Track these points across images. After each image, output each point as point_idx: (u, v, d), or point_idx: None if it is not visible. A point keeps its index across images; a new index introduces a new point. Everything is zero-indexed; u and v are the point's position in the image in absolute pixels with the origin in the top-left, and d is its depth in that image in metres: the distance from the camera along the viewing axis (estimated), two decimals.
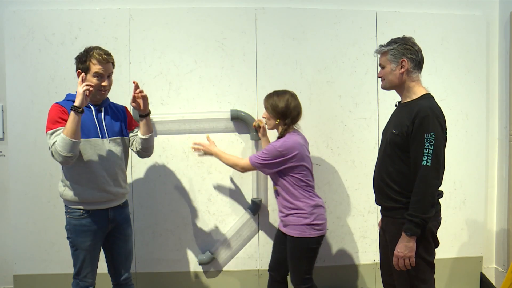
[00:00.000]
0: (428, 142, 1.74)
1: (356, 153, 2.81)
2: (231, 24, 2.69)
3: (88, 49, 2.01)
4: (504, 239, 2.89)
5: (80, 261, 2.05)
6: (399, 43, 1.87)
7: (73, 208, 2.04)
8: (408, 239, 1.77)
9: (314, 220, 2.19)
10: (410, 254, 1.78)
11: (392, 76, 1.89)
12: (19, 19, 2.60)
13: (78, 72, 1.98)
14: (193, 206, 2.75)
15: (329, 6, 2.76)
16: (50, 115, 1.96)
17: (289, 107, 2.21)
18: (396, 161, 1.86)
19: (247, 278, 2.81)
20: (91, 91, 1.93)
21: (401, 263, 1.81)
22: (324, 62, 2.76)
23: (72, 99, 1.96)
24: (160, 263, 2.76)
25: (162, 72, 2.68)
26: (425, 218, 1.75)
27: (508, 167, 2.84)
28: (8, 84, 2.63)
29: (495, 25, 2.91)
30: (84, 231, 2.03)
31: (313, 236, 2.18)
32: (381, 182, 1.92)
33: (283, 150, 2.14)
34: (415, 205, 1.76)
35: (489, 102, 2.92)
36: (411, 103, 1.86)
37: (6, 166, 2.69)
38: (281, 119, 2.23)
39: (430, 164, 1.73)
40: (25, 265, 2.70)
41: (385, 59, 1.91)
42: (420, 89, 1.88)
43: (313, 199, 2.22)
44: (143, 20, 2.65)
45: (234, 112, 2.65)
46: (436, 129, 1.75)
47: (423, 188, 1.75)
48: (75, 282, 2.09)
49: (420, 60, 1.88)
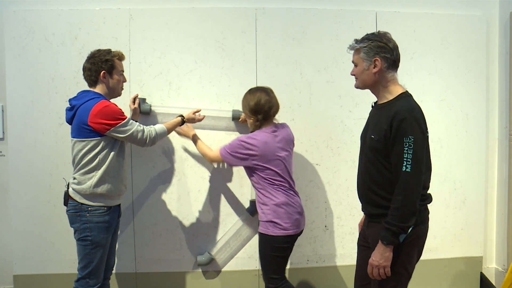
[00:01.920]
0: (407, 146, 1.62)
1: (356, 153, 2.78)
2: (231, 24, 2.69)
3: (106, 50, 2.15)
4: (504, 239, 2.89)
5: (97, 259, 2.09)
6: (372, 40, 1.73)
7: (96, 205, 2.08)
8: (384, 248, 1.67)
9: (276, 219, 2.17)
10: (385, 264, 1.68)
11: (365, 76, 1.78)
12: (19, 19, 2.60)
13: (104, 73, 2.12)
14: (193, 206, 2.74)
15: (329, 6, 2.76)
16: (113, 110, 2.06)
17: (259, 103, 2.21)
18: (379, 168, 1.74)
19: (247, 278, 2.81)
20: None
21: (375, 272, 1.71)
22: (324, 62, 2.76)
23: (98, 96, 2.10)
24: (160, 263, 2.75)
25: (162, 72, 2.68)
26: (403, 227, 1.64)
27: (508, 167, 2.84)
28: (8, 84, 2.63)
29: (495, 25, 2.91)
30: (107, 227, 2.11)
31: (276, 234, 2.17)
32: (368, 191, 1.81)
33: (245, 143, 2.18)
34: (393, 213, 1.65)
35: (489, 102, 2.92)
36: (388, 104, 1.74)
37: (6, 166, 2.69)
38: (254, 116, 2.24)
39: (410, 169, 1.62)
40: (25, 265, 2.70)
41: (358, 57, 1.78)
42: (397, 88, 1.76)
43: (277, 197, 2.19)
44: (143, 20, 2.65)
45: (235, 112, 2.65)
46: (415, 132, 1.62)
47: (402, 196, 1.63)
48: (84, 282, 2.09)
49: (395, 59, 1.75)
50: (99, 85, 2.14)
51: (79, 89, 2.19)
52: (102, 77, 2.12)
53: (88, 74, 2.13)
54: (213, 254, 2.74)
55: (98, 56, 2.12)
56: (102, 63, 2.11)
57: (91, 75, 2.12)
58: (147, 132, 2.17)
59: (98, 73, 2.11)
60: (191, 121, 2.49)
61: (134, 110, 2.54)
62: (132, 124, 2.12)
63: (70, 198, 2.10)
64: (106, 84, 2.14)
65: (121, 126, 2.07)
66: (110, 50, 2.17)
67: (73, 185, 2.10)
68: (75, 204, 2.08)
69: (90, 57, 2.15)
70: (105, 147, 2.08)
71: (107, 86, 2.15)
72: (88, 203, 2.07)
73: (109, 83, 2.15)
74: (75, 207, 2.08)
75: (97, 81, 2.13)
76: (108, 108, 2.04)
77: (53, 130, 2.65)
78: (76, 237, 2.10)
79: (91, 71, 2.12)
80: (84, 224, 2.07)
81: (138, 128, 2.14)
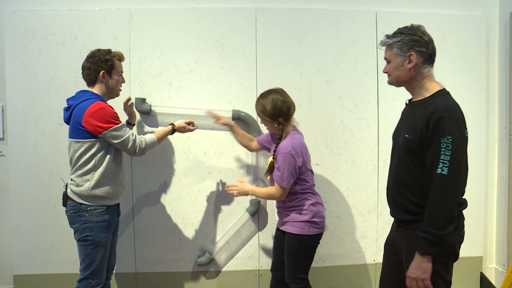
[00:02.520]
0: (444, 147, 1.50)
1: (356, 153, 2.81)
2: (231, 24, 2.69)
3: (106, 50, 2.14)
4: (504, 239, 2.89)
5: (99, 259, 2.09)
6: (406, 34, 1.63)
7: (96, 205, 2.07)
8: (421, 259, 1.53)
9: (313, 218, 2.19)
10: (423, 276, 1.54)
11: (399, 72, 1.66)
12: (19, 19, 2.60)
13: (103, 73, 2.11)
14: (193, 206, 2.74)
15: (329, 6, 2.76)
16: (108, 112, 2.03)
17: (276, 106, 2.15)
18: (412, 170, 1.63)
19: (247, 278, 2.81)
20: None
21: (414, 286, 1.56)
22: (324, 62, 2.76)
23: (95, 96, 2.09)
24: (160, 263, 2.76)
25: (162, 72, 2.68)
26: (438, 234, 1.50)
27: (508, 167, 2.84)
28: (8, 84, 2.63)
29: (495, 25, 2.91)
30: (106, 226, 2.10)
31: (312, 233, 2.19)
32: (398, 195, 1.70)
33: (295, 154, 2.09)
34: (428, 220, 1.52)
35: (489, 102, 2.92)
36: (424, 102, 1.63)
37: (6, 166, 2.69)
38: (274, 120, 2.18)
39: (447, 172, 1.50)
40: (25, 265, 2.71)
41: (391, 52, 1.67)
42: (433, 84, 1.65)
43: (313, 196, 2.23)
44: (143, 20, 2.65)
45: (235, 112, 2.65)
46: (454, 132, 1.51)
47: (438, 201, 1.51)
48: (86, 283, 2.08)
49: (431, 53, 1.64)
50: (98, 84, 2.13)
51: (79, 89, 2.19)
52: (101, 76, 2.11)
53: (87, 73, 2.12)
54: (213, 254, 2.75)
55: (98, 56, 2.11)
56: (102, 63, 2.10)
57: (90, 74, 2.11)
58: (138, 142, 2.14)
59: (97, 72, 2.10)
60: (181, 130, 2.39)
61: (129, 114, 2.52)
62: (125, 131, 2.09)
63: (68, 198, 2.09)
64: (105, 84, 2.13)
65: (114, 130, 2.04)
66: (110, 50, 2.16)
67: (72, 186, 2.09)
68: (74, 204, 2.07)
69: (90, 56, 2.13)
70: (101, 149, 2.06)
71: (106, 86, 2.14)
72: (86, 203, 2.07)
73: (108, 83, 2.14)
74: (74, 207, 2.07)
75: (96, 81, 2.12)
76: (103, 110, 2.02)
77: (53, 130, 2.65)
78: (77, 238, 2.09)
79: (90, 70, 2.11)
80: (84, 224, 2.06)
81: (130, 136, 2.10)
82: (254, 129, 2.65)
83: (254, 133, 2.64)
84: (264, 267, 2.80)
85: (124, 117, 2.48)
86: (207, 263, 2.73)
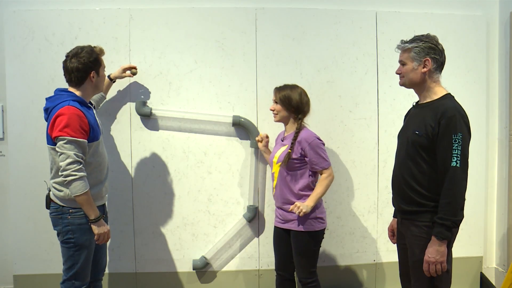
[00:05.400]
0: (456, 142, 1.71)
1: (356, 153, 2.81)
2: (231, 24, 2.69)
3: (89, 48, 2.06)
4: (504, 239, 2.89)
5: (82, 261, 2.04)
6: (424, 41, 1.82)
7: (78, 208, 2.01)
8: (440, 244, 1.71)
9: (320, 214, 2.25)
10: (441, 259, 1.72)
11: (414, 75, 1.84)
12: (19, 19, 2.60)
13: (93, 73, 2.04)
14: (193, 206, 2.74)
15: (329, 6, 2.76)
16: (68, 121, 1.91)
17: (302, 101, 2.27)
18: (420, 163, 1.80)
19: (247, 278, 2.81)
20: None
21: (432, 269, 1.73)
22: (324, 62, 2.76)
23: (73, 99, 1.99)
24: (160, 263, 2.75)
25: (162, 72, 2.68)
26: (455, 221, 1.70)
27: (508, 167, 2.84)
28: (8, 84, 2.63)
29: (495, 25, 2.91)
30: (89, 228, 2.03)
31: (320, 228, 2.25)
32: (404, 186, 1.86)
33: (321, 141, 2.26)
34: (445, 208, 1.71)
35: (489, 102, 2.92)
36: (433, 104, 1.82)
37: (6, 166, 2.69)
38: (294, 112, 2.27)
39: (460, 165, 1.70)
40: (25, 265, 2.70)
41: (407, 56, 1.85)
42: (441, 89, 1.85)
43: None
44: (143, 20, 2.65)
45: (236, 118, 2.65)
46: (463, 130, 1.73)
47: (453, 190, 1.70)
48: (69, 284, 2.05)
49: (443, 62, 1.86)
50: (85, 85, 2.06)
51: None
52: (92, 76, 2.05)
53: (76, 75, 2.02)
54: (212, 255, 2.74)
55: (85, 56, 2.02)
56: (90, 63, 2.03)
57: (79, 76, 2.03)
58: (75, 172, 1.91)
59: (87, 73, 2.03)
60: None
61: (118, 73, 2.50)
62: (72, 150, 1.91)
63: (51, 201, 2.06)
64: (93, 82, 2.07)
65: (62, 140, 1.90)
66: (92, 47, 2.07)
67: (53, 190, 2.05)
68: (56, 206, 2.03)
69: (72, 55, 2.03)
70: None
71: (94, 85, 2.08)
72: (68, 206, 2.02)
73: (97, 81, 2.08)
74: (57, 209, 2.03)
75: (84, 81, 2.05)
76: (64, 116, 1.91)
77: None
78: (60, 239, 2.05)
79: (79, 72, 2.01)
80: (66, 226, 2.02)
81: (76, 158, 1.91)
82: (254, 135, 2.65)
83: (253, 138, 2.65)
84: (264, 267, 2.80)
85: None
86: (203, 267, 2.73)
